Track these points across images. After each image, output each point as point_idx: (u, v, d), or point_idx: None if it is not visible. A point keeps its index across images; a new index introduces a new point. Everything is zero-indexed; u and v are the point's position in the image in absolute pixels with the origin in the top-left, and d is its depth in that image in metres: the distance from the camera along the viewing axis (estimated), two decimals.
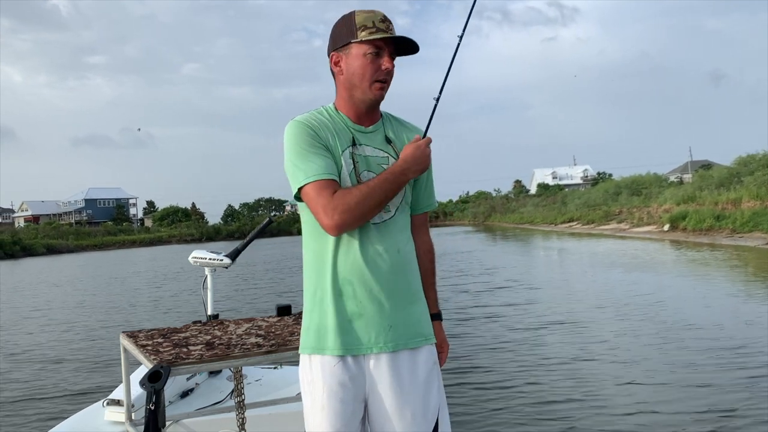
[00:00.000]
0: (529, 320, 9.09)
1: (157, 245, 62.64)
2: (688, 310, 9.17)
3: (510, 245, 29.33)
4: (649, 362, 6.34)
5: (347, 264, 1.80)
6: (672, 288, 11.73)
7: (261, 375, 3.83)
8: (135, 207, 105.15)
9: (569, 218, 42.95)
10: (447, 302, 11.13)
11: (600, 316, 9.15)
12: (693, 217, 25.53)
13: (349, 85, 1.86)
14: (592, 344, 7.31)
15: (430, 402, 1.87)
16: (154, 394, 2.18)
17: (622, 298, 10.52)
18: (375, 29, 1.80)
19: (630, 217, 33.50)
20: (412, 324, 1.88)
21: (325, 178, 1.75)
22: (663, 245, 22.58)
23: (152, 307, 13.41)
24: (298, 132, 1.81)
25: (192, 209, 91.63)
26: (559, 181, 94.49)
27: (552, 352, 7.01)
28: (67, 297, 17.04)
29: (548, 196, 62.83)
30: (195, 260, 3.77)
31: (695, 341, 7.09)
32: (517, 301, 11.04)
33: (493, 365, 6.64)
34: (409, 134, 1.96)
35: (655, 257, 18.27)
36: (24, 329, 11.25)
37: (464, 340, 7.92)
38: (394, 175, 1.78)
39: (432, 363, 1.90)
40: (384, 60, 1.82)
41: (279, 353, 2.49)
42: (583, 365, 6.41)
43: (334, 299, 1.81)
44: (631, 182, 45.85)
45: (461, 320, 9.41)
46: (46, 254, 54.57)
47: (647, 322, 8.36)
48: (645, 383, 5.61)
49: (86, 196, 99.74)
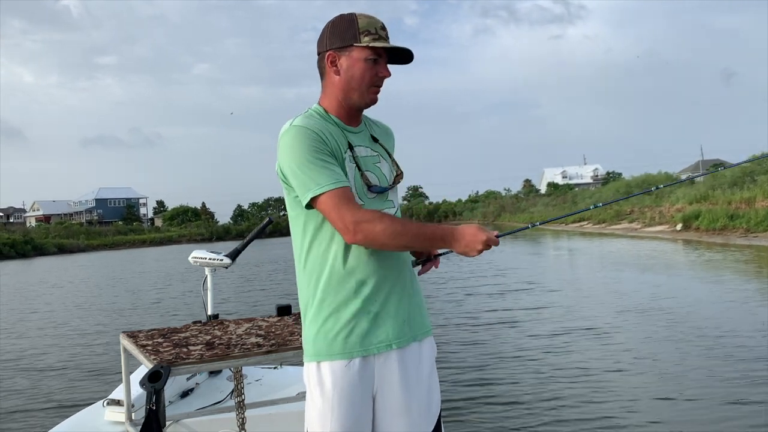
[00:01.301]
0: (548, 326, 8.64)
1: (167, 245, 62.93)
2: (716, 315, 8.69)
3: (522, 245, 29.06)
4: (680, 374, 5.92)
5: (360, 264, 1.79)
6: (695, 291, 11.19)
7: (261, 375, 3.82)
8: (145, 207, 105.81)
9: (579, 218, 42.69)
10: (460, 306, 10.82)
11: (624, 321, 8.71)
12: (706, 217, 25.30)
13: (347, 87, 1.84)
14: (618, 353, 6.88)
15: (433, 396, 1.89)
16: (154, 394, 2.17)
17: (644, 302, 10.10)
18: (377, 36, 1.82)
19: (642, 217, 33.27)
20: (420, 315, 1.91)
21: (342, 186, 1.73)
22: (678, 245, 22.36)
23: (152, 307, 13.41)
24: (302, 138, 1.75)
25: (202, 209, 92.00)
26: (569, 181, 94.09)
27: (576, 362, 6.59)
28: (68, 297, 17.08)
29: (558, 196, 62.55)
30: (195, 260, 3.75)
31: (728, 350, 6.65)
32: (534, 304, 10.58)
33: (512, 377, 6.19)
34: (385, 131, 2.01)
35: (673, 258, 17.97)
36: (24, 329, 11.28)
37: (479, 349, 7.50)
38: (435, 236, 1.76)
39: (433, 356, 1.94)
40: (382, 67, 1.85)
41: (279, 353, 2.46)
42: (610, 377, 5.99)
43: (350, 302, 1.78)
44: (642, 181, 45.52)
45: (475, 326, 8.95)
46: (58, 254, 54.98)
47: (674, 329, 7.90)
48: (676, 398, 5.24)
49: (97, 195, 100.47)
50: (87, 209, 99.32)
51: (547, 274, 15.69)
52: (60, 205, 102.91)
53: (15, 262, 44.06)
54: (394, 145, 2.04)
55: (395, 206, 1.91)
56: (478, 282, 14.29)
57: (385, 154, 1.95)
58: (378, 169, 1.89)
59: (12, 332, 11.01)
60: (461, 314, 9.99)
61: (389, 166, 1.94)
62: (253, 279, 18.78)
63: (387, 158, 1.95)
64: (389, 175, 1.92)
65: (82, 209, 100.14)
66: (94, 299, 16.07)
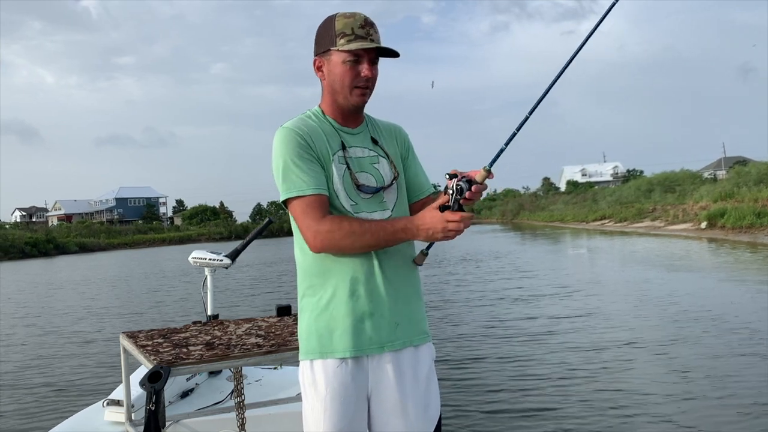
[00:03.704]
0: (588, 338, 7.48)
1: (187, 243, 63.41)
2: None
3: (546, 244, 28.44)
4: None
5: (354, 264, 1.79)
6: (749, 298, 9.79)
7: (261, 375, 3.85)
8: (165, 206, 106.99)
9: (601, 216, 42.28)
10: (488, 313, 9.80)
11: (678, 332, 7.47)
12: (732, 215, 24.75)
13: (332, 90, 1.86)
14: (682, 373, 5.76)
15: (431, 400, 1.87)
16: (154, 394, 2.17)
17: (698, 312, 8.70)
18: (353, 36, 1.79)
19: (664, 215, 32.77)
20: (416, 321, 1.89)
21: (312, 194, 1.76)
22: (704, 243, 21.79)
23: (152, 307, 13.38)
24: (287, 140, 1.80)
25: (220, 208, 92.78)
26: (588, 179, 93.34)
27: (634, 386, 5.50)
28: (67, 297, 17.12)
29: (578, 194, 61.98)
30: (195, 261, 3.76)
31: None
32: (572, 312, 9.35)
33: (557, 404, 5.11)
34: (389, 132, 1.99)
35: (709, 258, 17.14)
36: (24, 329, 11.32)
37: (514, 367, 6.35)
38: (395, 229, 1.73)
39: (432, 361, 1.92)
40: (363, 67, 1.81)
41: (279, 353, 2.46)
42: (678, 407, 4.90)
43: (342, 301, 1.79)
44: (664, 179, 45.00)
45: (505, 338, 7.79)
46: (79, 252, 55.74)
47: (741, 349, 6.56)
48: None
49: (117, 195, 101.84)
50: (108, 208, 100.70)
51: (580, 277, 14.29)
52: (81, 205, 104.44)
53: (37, 261, 44.71)
54: (406, 144, 2.03)
55: (390, 207, 1.88)
56: (503, 285, 13.39)
57: (385, 156, 1.93)
58: (376, 170, 1.89)
59: (12, 332, 11.03)
60: (487, 323, 9.02)
61: (389, 166, 1.93)
62: (262, 279, 18.72)
63: (387, 159, 1.93)
64: (388, 175, 1.91)
65: (102, 208, 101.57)
66: (94, 299, 16.04)
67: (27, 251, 51.33)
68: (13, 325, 11.88)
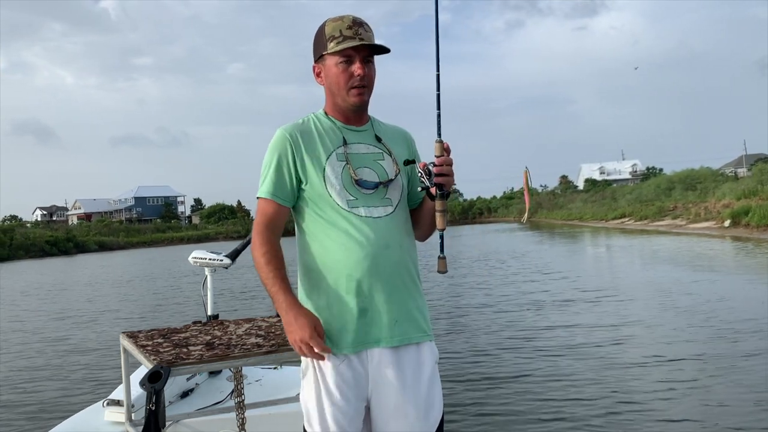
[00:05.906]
0: (631, 353, 6.60)
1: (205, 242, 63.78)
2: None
3: (567, 244, 27.73)
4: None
5: (352, 261, 1.82)
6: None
7: (261, 375, 3.83)
8: (183, 205, 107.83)
9: (621, 214, 41.72)
10: (518, 321, 8.81)
11: (729, 349, 6.48)
12: (757, 212, 24.25)
13: (331, 93, 1.93)
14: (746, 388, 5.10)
15: (433, 403, 1.86)
16: (154, 394, 2.17)
17: (733, 319, 7.87)
18: (342, 38, 1.85)
19: (686, 213, 32.22)
20: (415, 319, 1.90)
21: (272, 200, 1.89)
22: (728, 242, 21.25)
23: (153, 308, 13.35)
24: (275, 144, 1.91)
25: (238, 207, 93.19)
26: (606, 177, 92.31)
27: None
28: (68, 297, 17.16)
29: (597, 192, 61.28)
30: (195, 260, 3.73)
31: None
32: (611, 320, 8.39)
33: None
34: (396, 134, 2.04)
35: (742, 259, 16.05)
36: (23, 329, 11.34)
37: (553, 388, 5.48)
38: (273, 294, 1.81)
39: (434, 362, 1.92)
40: (355, 66, 1.86)
41: (279, 353, 2.44)
42: None
43: (341, 299, 1.82)
44: (685, 177, 44.32)
45: (537, 351, 6.83)
46: (98, 251, 56.32)
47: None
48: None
49: (136, 194, 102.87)
50: (127, 207, 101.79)
51: (616, 279, 13.29)
52: (100, 203, 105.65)
53: (57, 260, 45.20)
54: (411, 148, 2.07)
55: (393, 204, 1.92)
56: (529, 288, 12.44)
57: (389, 153, 1.97)
58: (379, 166, 1.94)
59: (12, 332, 11.06)
60: (513, 331, 8.17)
61: (393, 164, 1.97)
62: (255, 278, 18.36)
63: (390, 157, 1.97)
64: (392, 172, 1.95)
65: (122, 207, 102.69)
66: (95, 300, 16.06)
67: (47, 250, 51.98)
68: (13, 326, 11.90)
